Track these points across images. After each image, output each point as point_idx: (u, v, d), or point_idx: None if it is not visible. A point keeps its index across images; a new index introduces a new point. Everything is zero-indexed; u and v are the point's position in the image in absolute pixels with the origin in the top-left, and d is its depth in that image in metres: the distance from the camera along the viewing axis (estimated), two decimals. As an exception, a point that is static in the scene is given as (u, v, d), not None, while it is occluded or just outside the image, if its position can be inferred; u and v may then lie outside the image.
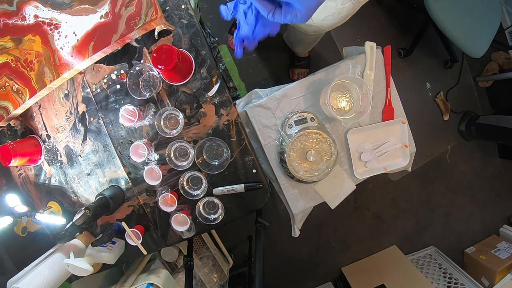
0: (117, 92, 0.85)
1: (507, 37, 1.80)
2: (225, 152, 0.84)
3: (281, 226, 1.79)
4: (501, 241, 1.93)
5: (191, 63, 0.81)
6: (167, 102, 0.84)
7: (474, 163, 1.96)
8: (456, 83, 1.86)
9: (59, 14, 0.77)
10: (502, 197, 2.01)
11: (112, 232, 0.86)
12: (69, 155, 0.91)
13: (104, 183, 0.90)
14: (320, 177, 0.97)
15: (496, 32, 1.40)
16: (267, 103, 0.96)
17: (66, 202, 0.94)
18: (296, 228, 1.05)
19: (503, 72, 1.79)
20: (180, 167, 0.83)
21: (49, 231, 0.96)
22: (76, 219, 0.76)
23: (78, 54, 0.77)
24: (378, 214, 1.93)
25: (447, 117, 1.87)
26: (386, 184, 1.89)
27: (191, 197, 0.85)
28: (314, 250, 1.91)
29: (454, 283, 1.69)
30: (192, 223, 0.87)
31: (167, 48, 0.71)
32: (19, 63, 0.81)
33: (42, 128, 0.92)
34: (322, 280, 1.95)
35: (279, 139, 0.97)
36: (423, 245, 2.00)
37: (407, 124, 1.01)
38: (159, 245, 0.93)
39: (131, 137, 0.87)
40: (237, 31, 0.61)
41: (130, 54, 0.83)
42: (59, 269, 0.84)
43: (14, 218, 0.83)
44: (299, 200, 1.01)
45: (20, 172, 0.97)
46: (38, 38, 0.79)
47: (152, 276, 1.04)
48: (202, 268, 1.41)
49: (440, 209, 1.98)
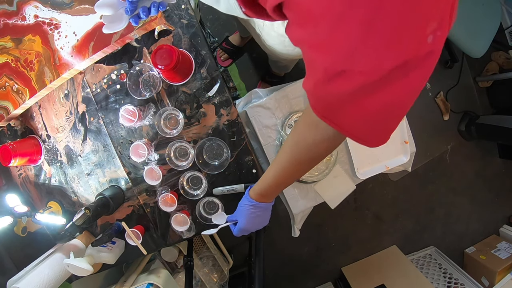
0: (117, 92, 0.85)
1: (507, 37, 1.80)
2: (225, 152, 0.84)
3: (281, 226, 1.79)
4: (501, 241, 1.93)
5: (191, 63, 0.81)
6: (167, 102, 0.84)
7: (474, 163, 1.96)
8: (456, 83, 1.86)
9: (59, 14, 0.77)
10: (502, 197, 2.01)
11: (112, 232, 0.86)
12: (69, 155, 0.91)
13: (104, 183, 0.90)
14: (320, 177, 0.97)
15: (496, 32, 1.40)
16: (267, 103, 0.96)
17: (66, 202, 0.94)
18: (296, 228, 1.05)
19: (503, 72, 1.79)
20: (180, 167, 0.83)
21: (49, 231, 0.96)
22: (76, 219, 0.76)
23: (78, 54, 0.77)
24: (378, 214, 1.92)
25: (447, 117, 1.87)
26: (386, 184, 1.89)
27: (191, 197, 0.85)
28: (314, 250, 1.91)
29: (454, 283, 1.69)
30: (192, 223, 0.87)
31: (167, 48, 0.71)
32: (19, 63, 0.81)
33: (42, 128, 0.92)
34: (322, 280, 1.95)
35: (279, 139, 0.97)
36: (423, 245, 2.00)
37: (405, 119, 1.00)
38: (159, 245, 0.93)
39: (131, 137, 0.87)
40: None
41: (130, 54, 0.83)
42: (59, 269, 0.84)
43: (14, 218, 0.83)
44: (299, 200, 1.01)
45: (20, 172, 0.97)
46: (38, 38, 0.79)
47: (152, 276, 1.04)
48: (202, 268, 1.41)
49: (440, 209, 1.98)
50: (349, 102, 0.36)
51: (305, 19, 0.32)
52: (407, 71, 0.31)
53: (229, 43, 1.62)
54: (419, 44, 0.29)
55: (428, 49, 0.30)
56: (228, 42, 1.62)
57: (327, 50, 0.32)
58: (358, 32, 0.28)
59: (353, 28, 0.28)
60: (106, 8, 0.56)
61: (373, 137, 0.42)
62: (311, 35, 0.32)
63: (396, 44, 0.29)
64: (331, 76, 0.34)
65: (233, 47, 1.62)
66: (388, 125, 0.41)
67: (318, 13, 0.29)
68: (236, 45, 1.61)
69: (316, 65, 0.36)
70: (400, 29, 0.28)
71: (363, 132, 0.41)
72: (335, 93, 0.36)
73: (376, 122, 0.39)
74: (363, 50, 0.30)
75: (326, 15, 0.28)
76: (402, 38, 0.28)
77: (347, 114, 0.38)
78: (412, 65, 0.30)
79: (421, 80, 0.34)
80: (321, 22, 0.30)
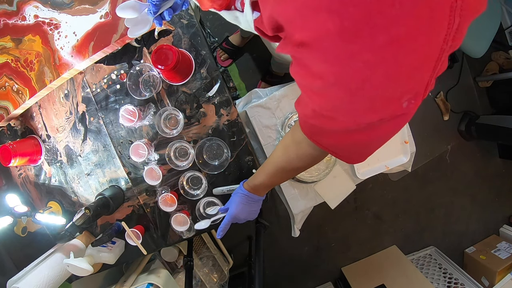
0: (117, 92, 0.85)
1: (507, 37, 1.80)
2: (225, 152, 0.84)
3: (281, 226, 1.79)
4: (501, 241, 1.93)
5: (191, 63, 0.81)
6: (167, 102, 0.84)
7: (474, 163, 1.96)
8: (456, 83, 1.86)
9: (59, 14, 0.77)
10: (502, 197, 2.01)
11: (112, 232, 0.86)
12: (69, 155, 0.91)
13: (104, 183, 0.90)
14: (320, 177, 0.97)
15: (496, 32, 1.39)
16: (267, 103, 0.96)
17: (66, 202, 0.94)
18: (296, 228, 1.05)
19: (503, 72, 1.79)
20: (180, 167, 0.83)
21: (49, 231, 0.96)
22: (76, 219, 0.76)
23: (78, 54, 0.77)
24: (378, 214, 1.92)
25: (447, 117, 1.87)
26: (386, 184, 1.89)
27: (191, 197, 0.85)
28: (314, 250, 1.91)
29: (454, 283, 1.69)
30: (192, 223, 0.87)
31: (167, 48, 0.71)
32: (19, 63, 0.81)
33: (42, 128, 0.92)
34: (322, 280, 1.94)
35: (279, 139, 0.97)
36: (423, 245, 2.00)
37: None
38: (159, 245, 0.93)
39: (131, 137, 0.87)
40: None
41: (130, 54, 0.83)
42: (59, 269, 0.84)
43: (14, 218, 0.83)
44: (299, 200, 1.01)
45: (20, 172, 0.97)
46: (38, 38, 0.79)
47: (152, 276, 1.04)
48: (202, 268, 1.41)
49: (440, 209, 1.98)
50: (331, 134, 0.44)
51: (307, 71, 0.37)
52: (380, 124, 0.37)
53: (229, 43, 1.62)
54: (394, 108, 0.35)
55: (402, 112, 0.35)
56: (228, 42, 1.62)
57: (319, 98, 0.39)
58: (345, 97, 0.35)
59: (342, 94, 0.34)
60: (129, 11, 0.56)
61: (352, 158, 0.51)
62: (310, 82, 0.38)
63: (374, 108, 0.35)
64: (318, 116, 0.42)
65: (233, 47, 1.62)
66: (365, 153, 0.50)
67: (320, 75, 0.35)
68: (236, 45, 1.61)
69: (306, 102, 0.43)
70: (380, 98, 0.34)
71: (344, 154, 0.49)
72: (320, 126, 0.44)
73: (355, 150, 0.48)
74: (347, 108, 0.36)
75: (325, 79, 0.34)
76: (380, 105, 0.34)
77: (330, 140, 0.46)
78: (386, 120, 0.37)
79: (392, 131, 0.41)
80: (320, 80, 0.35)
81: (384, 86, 0.32)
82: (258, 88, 1.04)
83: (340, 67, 0.32)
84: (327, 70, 0.33)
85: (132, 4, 0.55)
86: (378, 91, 0.33)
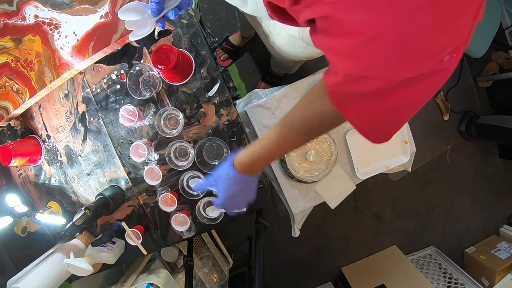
0: (117, 92, 0.85)
1: (507, 37, 1.80)
2: (225, 152, 0.84)
3: (281, 226, 1.79)
4: (501, 241, 1.93)
5: (191, 63, 0.81)
6: (167, 102, 0.84)
7: (474, 163, 1.96)
8: (456, 83, 1.86)
9: (59, 14, 0.77)
10: (502, 197, 2.01)
11: (112, 232, 0.86)
12: (69, 155, 0.91)
13: (104, 183, 0.90)
14: (320, 177, 0.97)
15: (496, 32, 1.40)
16: (267, 103, 0.96)
17: (66, 202, 0.94)
18: (296, 228, 1.05)
19: (503, 72, 1.79)
20: (180, 167, 0.83)
21: (49, 231, 0.96)
22: (76, 219, 0.76)
23: (78, 54, 0.77)
24: (378, 214, 1.92)
25: (447, 117, 1.87)
26: (386, 184, 1.89)
27: (191, 197, 0.85)
28: (314, 250, 1.91)
29: (454, 283, 1.69)
30: (192, 223, 0.87)
31: (167, 48, 0.71)
32: (19, 63, 0.81)
33: (42, 128, 0.92)
34: (322, 280, 1.94)
35: (279, 139, 0.97)
36: (423, 245, 2.00)
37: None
38: (159, 245, 0.93)
39: (131, 137, 0.87)
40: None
41: (130, 54, 0.83)
42: (59, 269, 0.84)
43: (14, 218, 0.83)
44: (299, 200, 1.01)
45: (20, 172, 0.97)
46: (38, 38, 0.79)
47: (152, 276, 1.04)
48: (202, 268, 1.41)
49: (440, 209, 1.98)
50: (362, 100, 0.40)
51: (340, 32, 0.35)
52: (420, 80, 0.35)
53: (229, 43, 1.62)
54: (436, 63, 0.33)
55: (443, 66, 0.33)
56: (228, 42, 1.62)
57: (352, 60, 0.36)
58: (385, 51, 0.32)
59: (382, 48, 0.32)
60: (131, 13, 0.55)
61: (376, 133, 0.45)
62: (342, 45, 0.36)
63: (415, 63, 0.33)
64: (350, 80, 0.38)
65: (233, 47, 1.62)
66: (393, 126, 0.45)
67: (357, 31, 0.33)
68: (236, 45, 1.61)
69: (338, 68, 0.40)
70: (421, 52, 0.31)
71: (367, 126, 0.44)
72: (351, 92, 0.40)
73: (382, 121, 0.43)
74: (386, 65, 0.34)
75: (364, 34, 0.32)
76: (421, 59, 0.32)
77: (358, 108, 0.42)
78: (425, 76, 0.34)
79: (431, 89, 0.37)
80: (355, 38, 0.33)
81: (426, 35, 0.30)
82: (259, 89, 1.04)
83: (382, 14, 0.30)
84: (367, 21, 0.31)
85: (134, 6, 0.55)
86: (420, 42, 0.31)
